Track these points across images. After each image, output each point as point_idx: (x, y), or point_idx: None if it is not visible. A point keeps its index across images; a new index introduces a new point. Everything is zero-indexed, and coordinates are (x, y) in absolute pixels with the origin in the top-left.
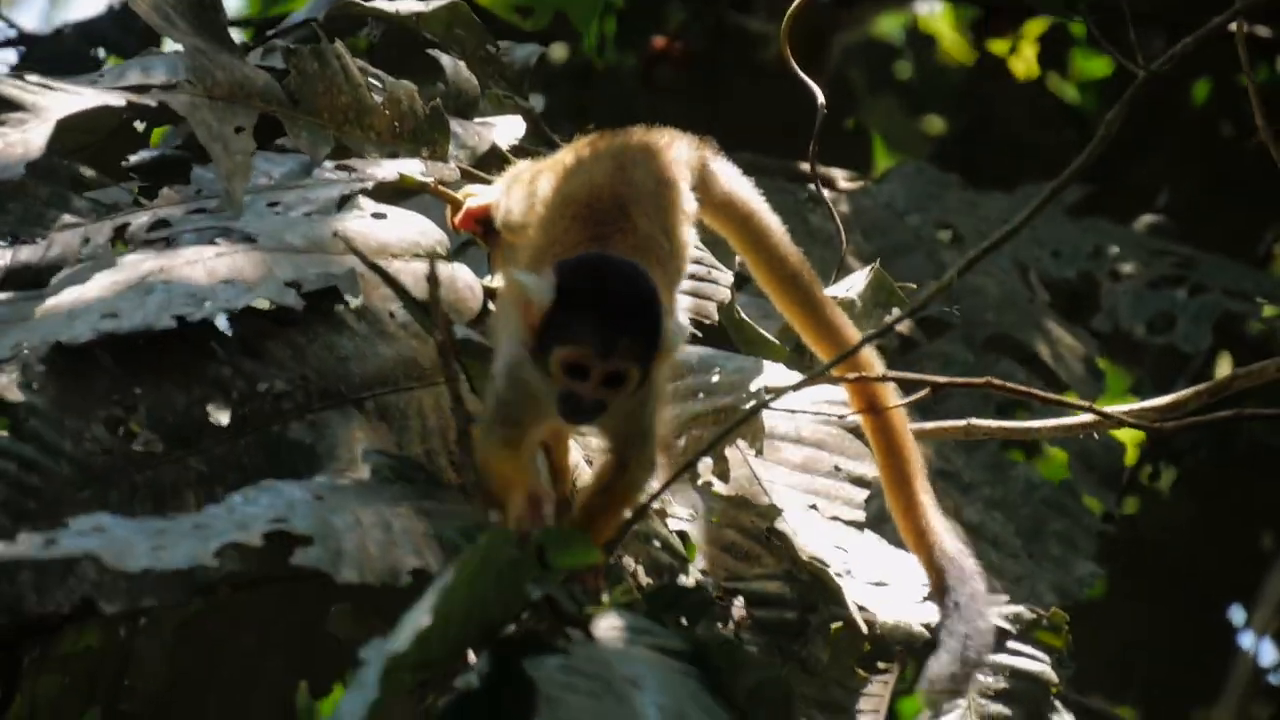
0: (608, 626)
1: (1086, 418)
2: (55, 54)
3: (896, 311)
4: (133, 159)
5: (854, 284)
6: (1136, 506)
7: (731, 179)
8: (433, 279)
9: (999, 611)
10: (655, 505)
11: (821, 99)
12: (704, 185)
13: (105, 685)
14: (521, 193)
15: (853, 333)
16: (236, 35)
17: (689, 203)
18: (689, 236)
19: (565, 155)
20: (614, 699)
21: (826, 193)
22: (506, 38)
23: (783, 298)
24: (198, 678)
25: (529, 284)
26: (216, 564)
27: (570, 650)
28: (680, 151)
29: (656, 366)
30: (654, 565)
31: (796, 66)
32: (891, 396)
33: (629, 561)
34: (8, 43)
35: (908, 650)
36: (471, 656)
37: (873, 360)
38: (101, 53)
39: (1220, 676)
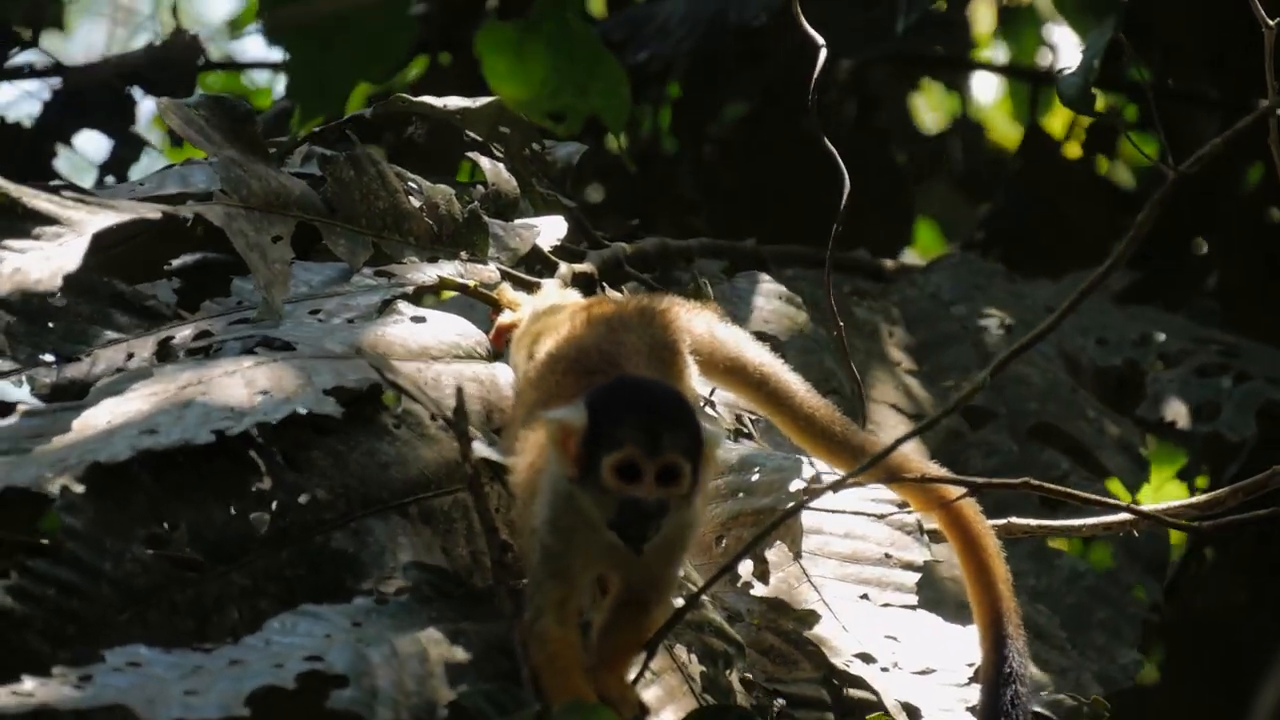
0: None
1: (1126, 516)
2: (90, 86)
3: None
4: (175, 262)
5: None
6: (1186, 590)
7: (739, 342)
8: (459, 410)
9: (1041, 701)
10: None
11: (848, 181)
12: (709, 350)
13: None
14: (524, 354)
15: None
16: None
17: (688, 364)
18: (688, 394)
19: (564, 320)
20: None
21: (872, 284)
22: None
23: (816, 449)
24: None
25: (561, 415)
26: (247, 713)
27: None
28: (679, 316)
29: (702, 469)
30: (707, 653)
31: (829, 143)
32: (949, 492)
33: (681, 651)
34: (44, 73)
35: None
36: None
37: (920, 464)
38: (138, 91)
39: None
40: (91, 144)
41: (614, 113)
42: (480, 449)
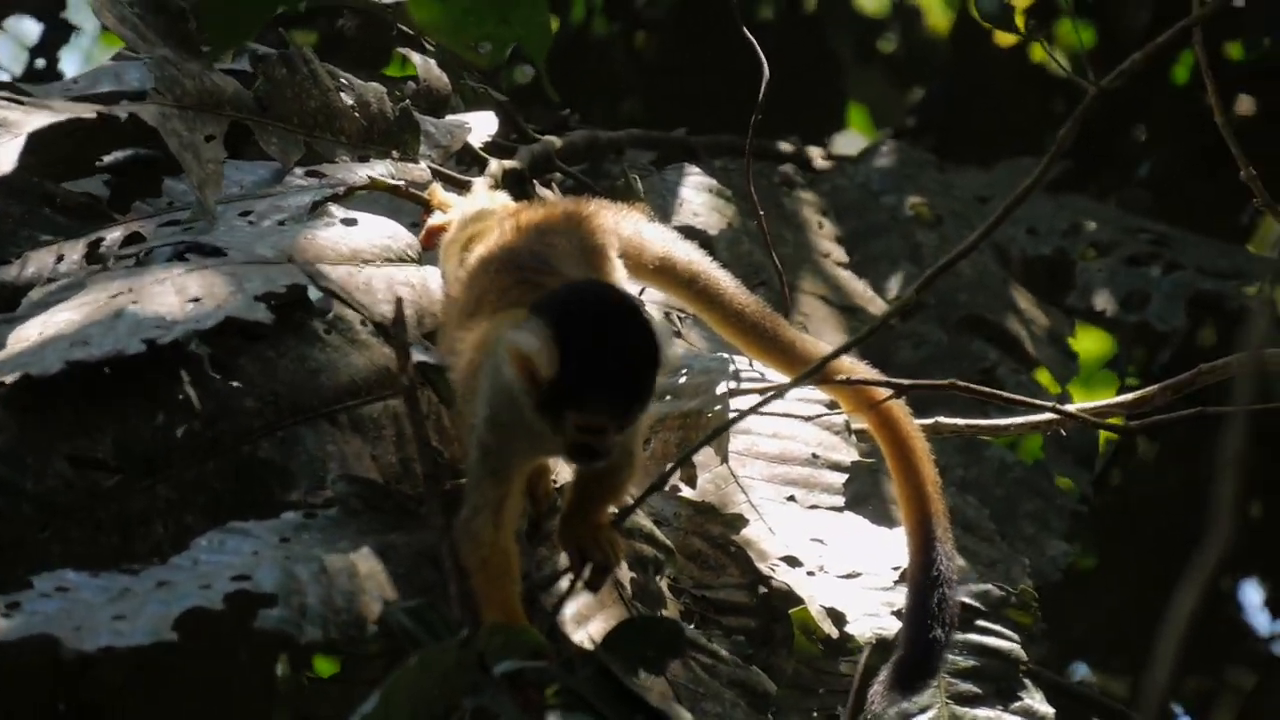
0: None
1: (1052, 416)
2: None
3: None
4: (105, 159)
5: None
6: (1121, 477)
7: (667, 242)
8: (398, 320)
9: (968, 591)
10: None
11: (766, 70)
12: (636, 251)
13: (69, 665)
14: (454, 261)
15: (818, 350)
16: None
17: (616, 267)
18: None
19: (494, 226)
20: None
21: (800, 173)
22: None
23: (745, 345)
24: (170, 652)
25: (526, 344)
26: (175, 637)
27: None
28: (605, 219)
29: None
30: (637, 559)
31: (750, 35)
32: (877, 392)
33: None
34: None
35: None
36: None
37: (848, 364)
38: None
39: (1213, 645)
40: (21, 29)
41: (536, 41)
42: (416, 354)
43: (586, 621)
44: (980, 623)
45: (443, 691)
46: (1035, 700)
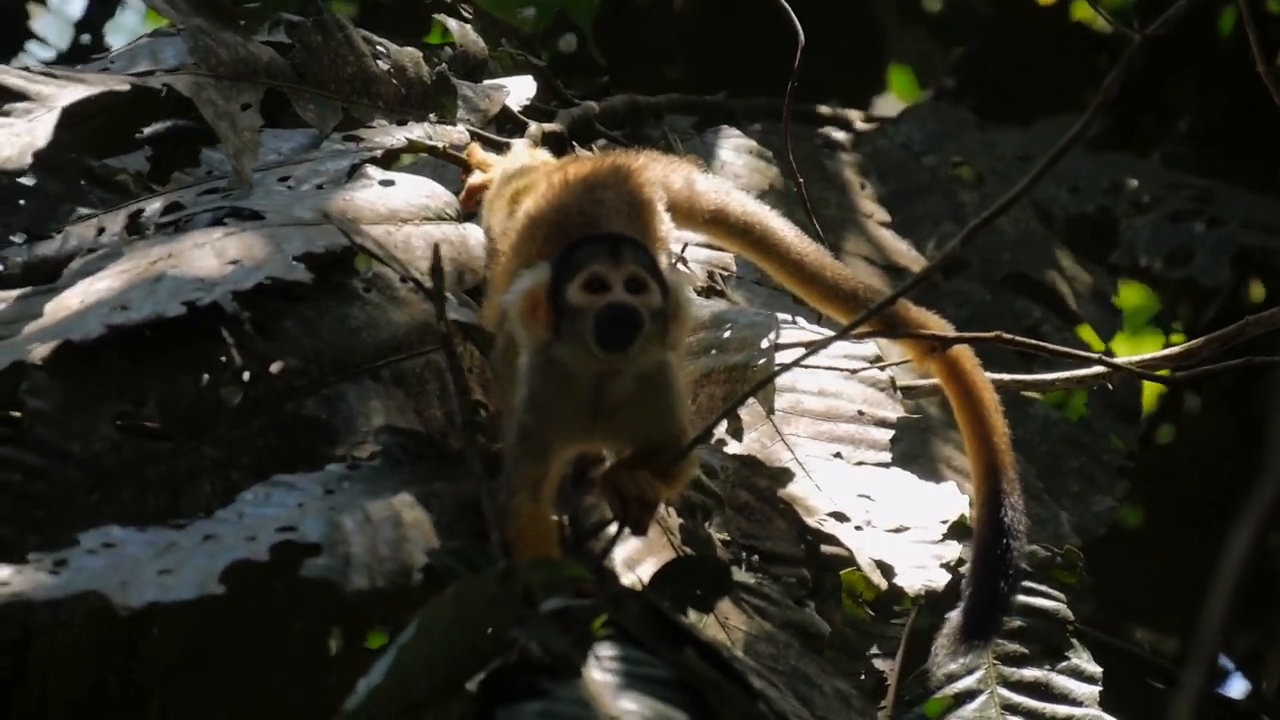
0: (596, 659)
1: (1099, 369)
2: None
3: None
4: (147, 130)
5: None
6: (1170, 435)
7: (720, 192)
8: (435, 268)
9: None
10: None
11: (801, 35)
12: (687, 204)
13: (120, 647)
14: (499, 215)
15: (881, 299)
16: None
17: (664, 221)
18: (663, 251)
19: (540, 181)
20: None
21: (842, 135)
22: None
23: (807, 293)
24: (222, 632)
25: (520, 286)
26: (222, 590)
27: (552, 693)
28: (655, 172)
29: (672, 315)
30: (686, 506)
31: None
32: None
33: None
34: None
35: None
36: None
37: (913, 313)
38: None
39: (1262, 602)
40: (67, 7)
41: (582, 5)
42: (453, 312)
43: (636, 565)
44: (1027, 583)
45: (483, 624)
46: (1083, 659)
